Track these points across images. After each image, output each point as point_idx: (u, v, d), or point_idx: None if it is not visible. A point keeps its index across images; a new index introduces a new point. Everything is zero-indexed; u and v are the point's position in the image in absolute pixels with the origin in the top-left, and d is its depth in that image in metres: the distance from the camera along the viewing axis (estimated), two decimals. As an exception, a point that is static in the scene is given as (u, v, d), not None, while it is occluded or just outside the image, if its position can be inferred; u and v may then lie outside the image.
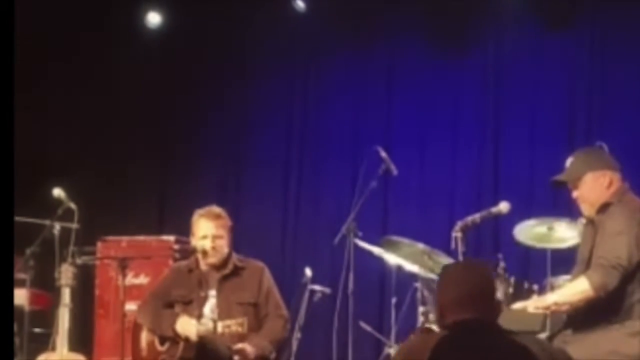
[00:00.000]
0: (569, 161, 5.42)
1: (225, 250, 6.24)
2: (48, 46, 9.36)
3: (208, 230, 6.21)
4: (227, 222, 6.30)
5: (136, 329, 6.30)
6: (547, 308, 5.21)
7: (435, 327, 5.78)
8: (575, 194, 5.36)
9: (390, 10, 9.22)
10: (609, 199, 5.25)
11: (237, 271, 6.23)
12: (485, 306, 3.65)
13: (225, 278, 6.19)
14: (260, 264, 6.34)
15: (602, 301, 5.05)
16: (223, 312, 6.04)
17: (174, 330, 6.02)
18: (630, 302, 5.09)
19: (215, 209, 6.31)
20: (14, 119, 4.95)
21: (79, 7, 9.30)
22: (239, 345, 5.91)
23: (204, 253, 6.18)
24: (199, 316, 6.02)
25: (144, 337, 6.23)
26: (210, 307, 6.08)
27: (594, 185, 5.28)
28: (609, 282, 5.02)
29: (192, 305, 6.13)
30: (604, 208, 5.25)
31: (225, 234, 6.24)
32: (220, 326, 5.79)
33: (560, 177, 5.42)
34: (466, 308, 3.63)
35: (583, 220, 5.69)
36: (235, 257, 6.30)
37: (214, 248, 6.18)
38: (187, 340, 5.97)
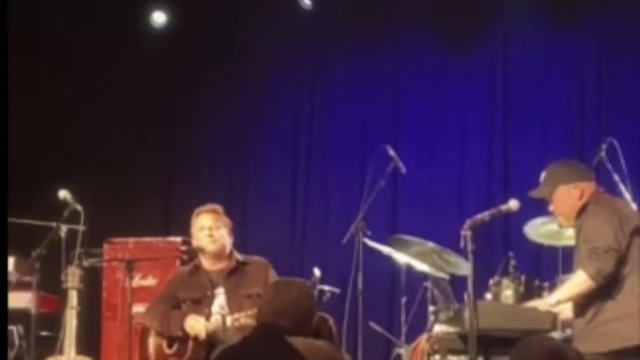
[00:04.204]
0: (542, 176, 5.54)
1: (226, 240, 6.22)
2: (51, 46, 9.32)
3: (205, 222, 6.24)
4: (226, 219, 6.33)
5: (144, 333, 6.28)
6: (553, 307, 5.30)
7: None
8: (551, 207, 5.50)
9: (398, 9, 9.20)
10: (585, 203, 5.36)
11: (240, 267, 6.26)
12: (280, 317, 4.09)
13: (230, 274, 6.21)
14: (263, 259, 6.36)
15: (602, 288, 5.16)
16: (232, 306, 6.05)
17: (182, 330, 6.00)
18: (628, 283, 5.18)
19: (213, 205, 6.34)
20: (7, 121, 4.92)
21: (84, 6, 9.26)
22: None
23: (203, 248, 6.16)
24: (208, 315, 6.00)
25: (152, 342, 6.21)
26: (219, 303, 6.08)
27: (566, 199, 5.41)
28: (603, 267, 5.13)
29: (201, 305, 6.13)
30: (581, 212, 5.37)
31: (223, 227, 6.25)
32: (229, 320, 5.82)
33: (535, 193, 5.55)
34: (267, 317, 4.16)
35: None
36: (237, 255, 6.32)
37: (211, 236, 6.17)
38: (196, 339, 5.95)
